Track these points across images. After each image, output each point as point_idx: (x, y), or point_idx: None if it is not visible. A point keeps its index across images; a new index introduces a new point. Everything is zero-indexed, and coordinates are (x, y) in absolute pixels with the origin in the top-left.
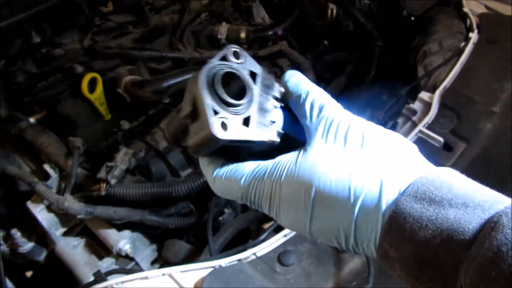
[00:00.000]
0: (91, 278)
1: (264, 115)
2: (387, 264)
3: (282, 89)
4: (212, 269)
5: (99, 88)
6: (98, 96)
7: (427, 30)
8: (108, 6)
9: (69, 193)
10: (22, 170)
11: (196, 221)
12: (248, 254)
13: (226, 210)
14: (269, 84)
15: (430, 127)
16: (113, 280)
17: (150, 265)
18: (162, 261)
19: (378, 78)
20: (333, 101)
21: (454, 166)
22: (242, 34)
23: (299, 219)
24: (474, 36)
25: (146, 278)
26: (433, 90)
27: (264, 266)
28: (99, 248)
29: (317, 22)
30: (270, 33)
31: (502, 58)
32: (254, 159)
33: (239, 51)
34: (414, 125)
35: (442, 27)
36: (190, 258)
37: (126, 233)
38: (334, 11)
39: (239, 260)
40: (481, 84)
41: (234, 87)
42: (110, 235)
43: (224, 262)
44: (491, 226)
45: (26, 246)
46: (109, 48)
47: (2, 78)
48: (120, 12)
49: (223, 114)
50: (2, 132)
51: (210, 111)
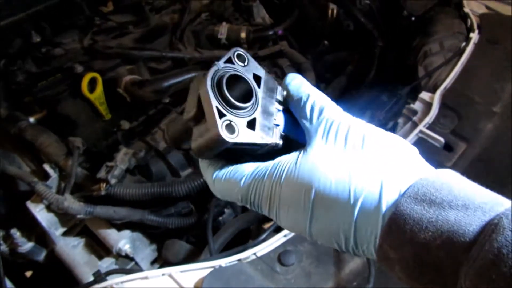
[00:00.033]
0: (91, 278)
1: (268, 118)
2: (387, 266)
3: (285, 92)
4: (212, 269)
5: (99, 88)
6: (98, 96)
7: (428, 30)
8: (108, 6)
9: (68, 193)
10: (22, 170)
11: (196, 221)
12: (248, 254)
13: (226, 210)
14: (272, 87)
15: (430, 127)
16: (113, 280)
17: (150, 265)
18: (162, 261)
19: (379, 78)
20: (333, 103)
21: (455, 166)
22: (243, 34)
23: (299, 221)
24: (474, 36)
25: (146, 278)
26: (433, 90)
27: (264, 266)
28: (99, 248)
29: (317, 22)
30: (271, 33)
31: (502, 58)
32: (254, 161)
33: (244, 54)
34: (415, 125)
35: (443, 27)
36: (190, 258)
37: (126, 233)
38: (335, 11)
39: (239, 260)
40: (481, 84)
41: (239, 90)
42: (110, 235)
43: (224, 262)
44: (492, 228)
45: (26, 246)
46: (109, 48)
47: (2, 78)
48: (120, 12)
49: (229, 116)
50: (2, 131)
51: (217, 113)
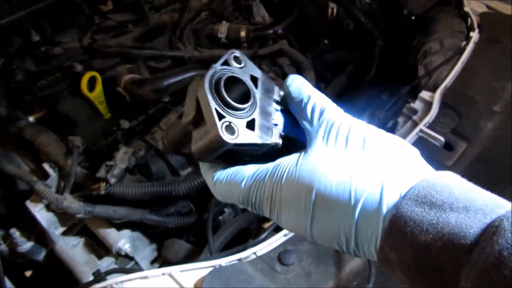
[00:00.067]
0: (91, 278)
1: (266, 118)
2: (388, 268)
3: (282, 92)
4: (212, 268)
5: (99, 87)
6: (97, 95)
7: (428, 30)
8: (107, 5)
9: (68, 192)
10: (21, 169)
11: (196, 220)
12: (248, 253)
13: (226, 210)
14: (269, 87)
15: (431, 126)
16: (112, 279)
17: (150, 264)
18: (161, 260)
19: (379, 78)
20: (334, 105)
21: (455, 165)
22: (242, 33)
23: (300, 222)
24: (475, 35)
25: (145, 277)
26: (434, 90)
27: (264, 265)
28: (99, 247)
29: (317, 21)
30: (270, 32)
31: (503, 57)
32: (254, 163)
33: (240, 56)
34: (415, 124)
35: (443, 27)
36: (190, 257)
37: (126, 232)
38: (335, 10)
39: (239, 259)
40: (482, 83)
41: (237, 91)
42: (110, 235)
43: (224, 261)
44: (493, 230)
45: (25, 245)
46: (108, 46)
47: (2, 77)
48: (119, 10)
49: (228, 118)
50: (1, 131)
51: (216, 115)
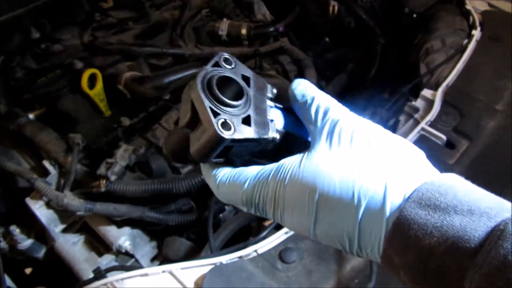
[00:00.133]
0: (91, 275)
1: (261, 114)
2: (391, 270)
3: (275, 90)
4: (213, 266)
5: (99, 84)
6: (98, 92)
7: (429, 28)
8: (108, 2)
9: (68, 189)
10: (21, 166)
11: (196, 218)
12: (249, 251)
13: (226, 207)
14: (261, 86)
15: (432, 125)
16: (112, 277)
17: (150, 262)
18: (162, 258)
19: (380, 76)
20: (339, 104)
21: (457, 164)
22: (243, 31)
23: (303, 222)
24: (477, 33)
25: (146, 275)
26: (435, 88)
27: (265, 263)
28: (99, 245)
29: (318, 19)
30: (271, 29)
31: (505, 56)
32: (255, 164)
33: (230, 57)
34: (416, 122)
35: (445, 25)
36: (191, 255)
37: (126, 230)
38: (336, 8)
39: (240, 257)
40: (484, 82)
41: (230, 90)
42: (110, 232)
43: (225, 259)
44: (498, 234)
45: (25, 242)
46: (109, 44)
47: (1, 74)
48: (120, 8)
49: (223, 115)
50: (1, 128)
51: (211, 113)
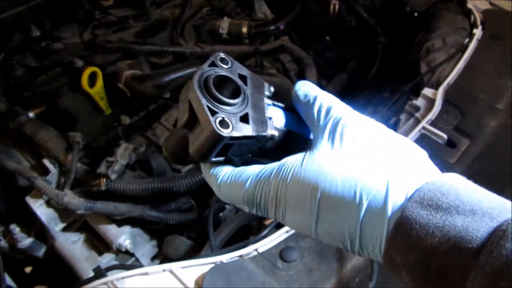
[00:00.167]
0: (91, 274)
1: (260, 112)
2: (393, 270)
3: (272, 88)
4: (213, 265)
5: (99, 82)
6: (98, 90)
7: (430, 26)
8: (108, 0)
9: (68, 188)
10: (21, 165)
11: (196, 216)
12: (249, 250)
13: (227, 206)
14: (259, 84)
15: (433, 124)
16: (113, 276)
17: (150, 261)
18: (162, 257)
19: (381, 75)
20: (341, 103)
21: (458, 163)
22: (244, 29)
23: (305, 221)
24: (478, 32)
25: (146, 274)
26: (436, 87)
27: (265, 262)
28: (99, 243)
29: (319, 17)
30: (272, 28)
31: (506, 55)
32: (256, 163)
33: (226, 57)
34: (417, 121)
35: (446, 23)
36: (191, 254)
37: (126, 228)
38: (337, 7)
39: (241, 256)
40: (485, 80)
41: (227, 89)
42: (110, 231)
43: (225, 258)
44: (500, 234)
45: (25, 241)
46: (109, 42)
47: (1, 72)
48: (120, 6)
49: (221, 113)
50: (1, 126)
51: (208, 111)
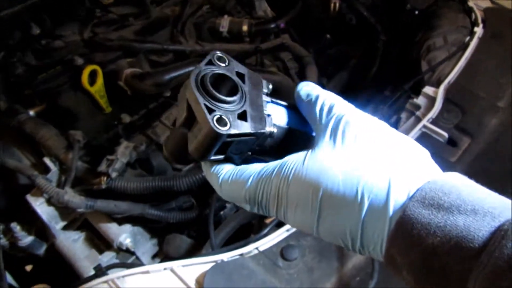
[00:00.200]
0: (92, 272)
1: (258, 109)
2: (394, 269)
3: (270, 86)
4: (214, 263)
5: (100, 80)
6: (98, 88)
7: (431, 25)
8: None
9: (69, 186)
10: (22, 163)
11: (197, 215)
12: (250, 248)
13: (227, 205)
14: (257, 81)
15: (434, 122)
16: (113, 274)
17: (151, 259)
18: (163, 255)
19: (382, 73)
20: (343, 101)
21: (458, 161)
22: (244, 27)
23: (306, 220)
24: (479, 30)
25: (147, 272)
26: (437, 85)
27: (266, 260)
28: (100, 242)
29: (320, 15)
30: (273, 26)
31: (507, 53)
32: (257, 161)
33: (223, 55)
34: (418, 120)
35: (447, 22)
36: (192, 252)
37: (127, 227)
38: (337, 5)
39: (241, 254)
40: (486, 79)
41: (224, 87)
42: (111, 229)
43: (226, 256)
44: (501, 234)
45: (26, 239)
46: (109, 40)
47: (2, 70)
48: (121, 4)
49: (219, 111)
50: (2, 125)
51: (206, 110)
